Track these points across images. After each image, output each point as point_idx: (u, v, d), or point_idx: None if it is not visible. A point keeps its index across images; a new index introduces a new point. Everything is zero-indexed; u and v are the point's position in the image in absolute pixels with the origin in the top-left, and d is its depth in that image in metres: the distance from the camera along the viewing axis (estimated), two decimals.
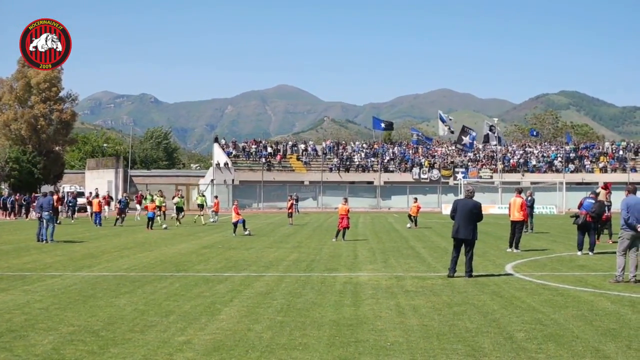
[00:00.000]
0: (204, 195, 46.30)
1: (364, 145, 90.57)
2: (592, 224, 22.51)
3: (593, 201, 22.88)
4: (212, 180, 71.55)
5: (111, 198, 54.38)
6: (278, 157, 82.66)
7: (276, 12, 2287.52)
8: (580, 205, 22.86)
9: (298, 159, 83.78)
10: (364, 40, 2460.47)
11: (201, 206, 44.08)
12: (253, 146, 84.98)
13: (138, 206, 51.17)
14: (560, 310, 11.64)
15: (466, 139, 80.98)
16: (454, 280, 15.36)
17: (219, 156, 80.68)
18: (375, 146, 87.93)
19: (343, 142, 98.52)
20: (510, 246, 23.14)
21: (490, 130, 79.91)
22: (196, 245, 26.02)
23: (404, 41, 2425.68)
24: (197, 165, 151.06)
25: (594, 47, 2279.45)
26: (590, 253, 21.54)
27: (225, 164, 77.26)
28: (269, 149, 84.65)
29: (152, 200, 39.93)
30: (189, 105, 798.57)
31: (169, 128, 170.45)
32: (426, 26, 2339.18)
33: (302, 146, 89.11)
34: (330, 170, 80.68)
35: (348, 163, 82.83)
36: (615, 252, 16.14)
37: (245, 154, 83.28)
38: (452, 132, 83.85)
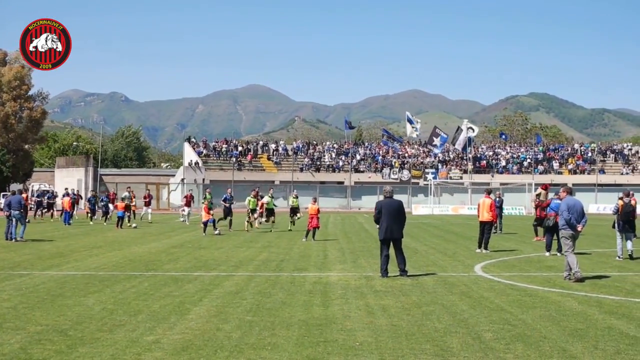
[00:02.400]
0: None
1: (335, 145, 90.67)
2: None
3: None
4: (182, 180, 71.20)
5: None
6: (249, 157, 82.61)
7: (247, 12, 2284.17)
8: (547, 206, 23.06)
9: (269, 159, 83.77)
10: (335, 41, 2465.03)
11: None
12: (224, 146, 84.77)
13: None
14: (528, 311, 11.74)
15: (437, 140, 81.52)
16: (423, 281, 15.44)
17: (189, 155, 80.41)
18: (346, 146, 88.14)
19: (314, 142, 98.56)
20: (480, 247, 23.24)
21: (468, 131, 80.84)
22: (166, 244, 25.91)
23: (375, 41, 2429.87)
24: (167, 164, 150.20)
25: (564, 49, 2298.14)
26: (558, 254, 21.72)
27: (196, 163, 77.01)
28: (240, 149, 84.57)
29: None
30: (160, 104, 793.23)
31: (140, 127, 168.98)
32: (397, 27, 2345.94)
33: (273, 146, 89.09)
34: (301, 170, 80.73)
35: (319, 163, 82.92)
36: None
37: (215, 153, 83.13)
38: (418, 136, 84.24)
